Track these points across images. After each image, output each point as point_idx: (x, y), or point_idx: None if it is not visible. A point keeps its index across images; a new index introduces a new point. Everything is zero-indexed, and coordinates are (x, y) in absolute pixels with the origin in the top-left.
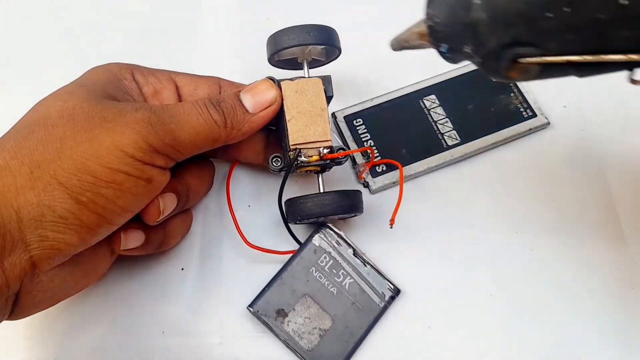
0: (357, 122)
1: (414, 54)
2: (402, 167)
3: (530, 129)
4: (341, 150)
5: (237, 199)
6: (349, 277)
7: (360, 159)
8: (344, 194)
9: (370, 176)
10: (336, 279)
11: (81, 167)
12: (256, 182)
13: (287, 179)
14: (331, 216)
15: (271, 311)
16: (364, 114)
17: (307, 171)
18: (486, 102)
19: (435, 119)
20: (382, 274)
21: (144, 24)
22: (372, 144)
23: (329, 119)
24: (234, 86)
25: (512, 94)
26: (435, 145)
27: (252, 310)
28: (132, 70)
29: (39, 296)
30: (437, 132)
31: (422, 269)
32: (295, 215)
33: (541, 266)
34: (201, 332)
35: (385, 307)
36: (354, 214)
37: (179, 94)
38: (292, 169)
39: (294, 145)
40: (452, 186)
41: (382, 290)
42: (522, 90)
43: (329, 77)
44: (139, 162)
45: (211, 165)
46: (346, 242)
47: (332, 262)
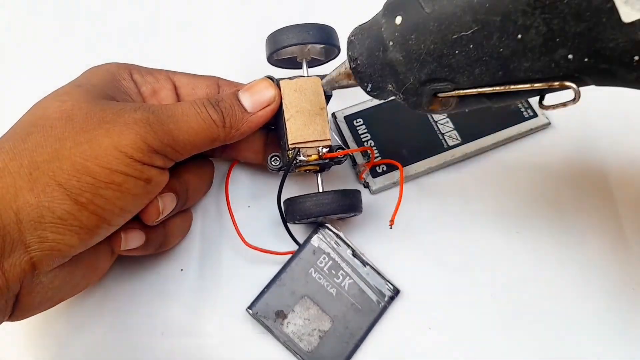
0: (357, 122)
1: None
2: (402, 167)
3: (531, 129)
4: (340, 149)
5: (236, 199)
6: (348, 278)
7: (360, 159)
8: (344, 193)
9: (370, 176)
10: (335, 279)
11: (80, 168)
12: (255, 182)
13: (286, 179)
14: (330, 216)
15: (270, 313)
16: (364, 114)
17: (306, 170)
18: None
19: (435, 119)
20: (381, 275)
21: (142, 23)
22: (372, 144)
23: (328, 118)
24: (233, 85)
25: None
26: (435, 145)
27: (251, 312)
28: (130, 70)
29: (39, 297)
30: (438, 132)
31: (421, 269)
32: (294, 214)
33: (541, 266)
34: (201, 332)
35: (384, 308)
36: (354, 214)
37: (178, 93)
38: (291, 169)
39: (292, 144)
40: (452, 187)
41: (381, 290)
42: None
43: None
44: (138, 163)
45: (210, 164)
46: (345, 242)
47: (331, 262)
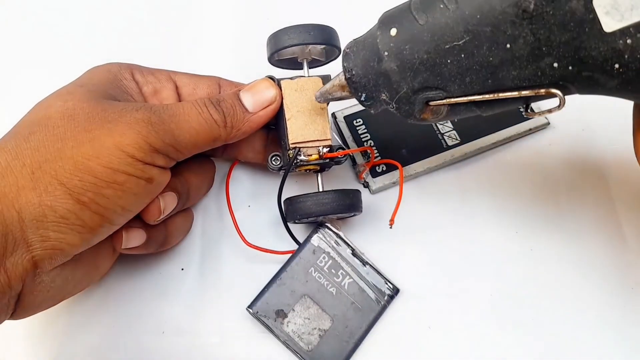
0: (357, 122)
1: None
2: (402, 167)
3: (530, 129)
4: (340, 149)
5: (236, 199)
6: (348, 277)
7: (360, 159)
8: (344, 193)
9: (370, 176)
10: (335, 279)
11: (82, 167)
12: (256, 182)
13: (286, 178)
14: (330, 215)
15: (270, 312)
16: (364, 114)
17: (307, 170)
18: None
19: None
20: (381, 274)
21: (143, 23)
22: (372, 144)
23: (329, 118)
24: (234, 85)
25: None
26: (435, 145)
27: (251, 311)
28: (131, 69)
29: (40, 296)
30: (437, 132)
31: (421, 268)
32: (294, 214)
33: (541, 266)
34: (201, 331)
35: (384, 307)
36: (353, 214)
37: (179, 93)
38: (291, 168)
39: (293, 144)
40: (452, 186)
41: (381, 289)
42: None
43: (329, 76)
44: (140, 162)
45: (211, 163)
46: (345, 242)
47: (331, 262)
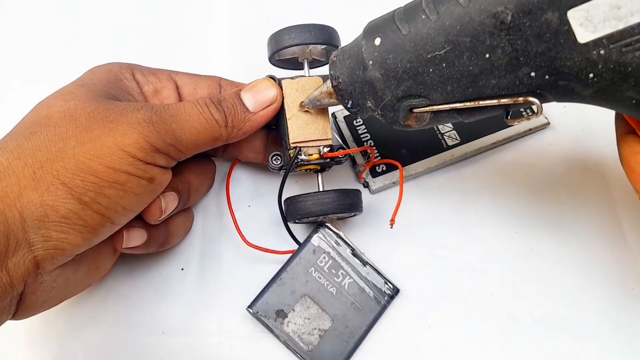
0: (357, 122)
1: None
2: (402, 167)
3: (530, 129)
4: (341, 149)
5: (237, 199)
6: (348, 277)
7: (360, 159)
8: (344, 192)
9: (370, 176)
10: (335, 279)
11: (84, 167)
12: (256, 182)
13: (287, 178)
14: (331, 215)
15: (271, 312)
16: None
17: (307, 170)
18: None
19: None
20: (381, 274)
21: (144, 23)
22: (372, 144)
23: (329, 117)
24: (234, 85)
25: None
26: (435, 145)
27: (251, 311)
28: (132, 69)
29: (42, 296)
30: (437, 132)
31: (421, 268)
32: (294, 213)
33: (541, 266)
34: (201, 332)
35: (384, 307)
36: (354, 214)
37: (179, 93)
38: (292, 168)
39: (294, 143)
40: (452, 186)
41: (381, 289)
42: None
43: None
44: (141, 162)
45: (212, 163)
46: (345, 242)
47: (331, 262)
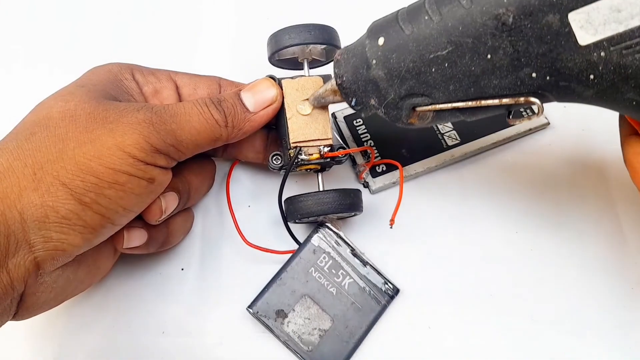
0: (357, 122)
1: None
2: (402, 167)
3: (530, 129)
4: (341, 149)
5: (237, 199)
6: (348, 277)
7: (360, 159)
8: (344, 192)
9: (370, 176)
10: (335, 279)
11: (84, 167)
12: (256, 182)
13: (287, 178)
14: (331, 215)
15: (271, 312)
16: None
17: (307, 169)
18: None
19: None
20: (381, 274)
21: (144, 23)
22: (372, 144)
23: (329, 117)
24: (234, 85)
25: None
26: (435, 145)
27: (251, 311)
28: (132, 70)
29: (43, 297)
30: (437, 132)
31: (421, 268)
32: (295, 213)
33: (541, 266)
34: (201, 331)
35: (384, 307)
36: (354, 213)
37: (179, 93)
38: (292, 167)
39: (294, 143)
40: (452, 186)
41: (381, 289)
42: None
43: (330, 76)
44: (141, 163)
45: (212, 163)
46: (345, 242)
47: (331, 262)
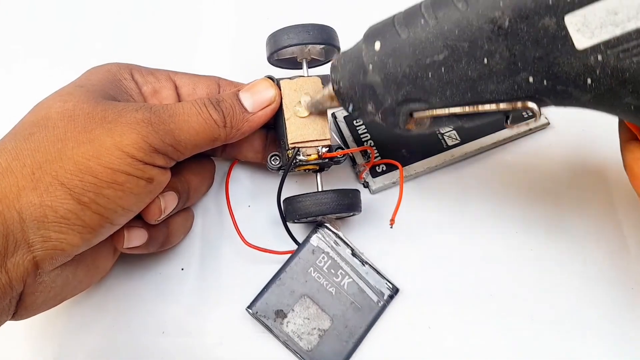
0: (357, 122)
1: None
2: (402, 167)
3: (530, 129)
4: (340, 149)
5: (236, 199)
6: (348, 277)
7: (360, 159)
8: (343, 192)
9: (370, 176)
10: (335, 279)
11: (82, 167)
12: (256, 182)
13: (285, 178)
14: (329, 215)
15: (270, 312)
16: None
17: (306, 170)
18: None
19: None
20: (380, 274)
21: (143, 23)
22: (372, 144)
23: (328, 118)
24: (233, 85)
25: None
26: (435, 145)
27: (251, 311)
28: (131, 70)
29: (42, 296)
30: (437, 132)
31: (421, 268)
32: (293, 213)
33: (541, 266)
34: (201, 332)
35: (384, 307)
36: (353, 213)
37: (178, 93)
38: (290, 168)
39: (292, 144)
40: (452, 186)
41: (380, 289)
42: None
43: (328, 76)
44: (140, 162)
45: (211, 163)
46: (344, 242)
47: (330, 262)
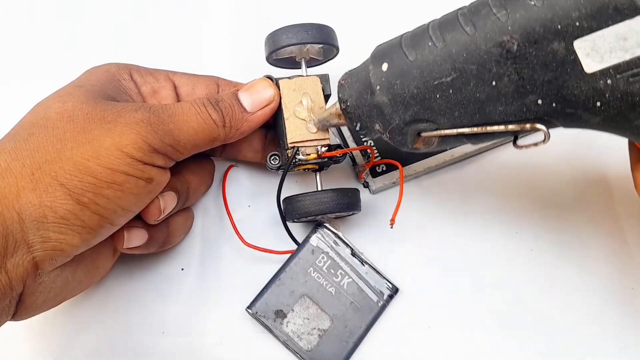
0: None
1: None
2: (402, 167)
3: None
4: (339, 148)
5: (236, 199)
6: (347, 277)
7: (360, 159)
8: (342, 192)
9: (370, 176)
10: (334, 278)
11: (82, 168)
12: (255, 182)
13: (285, 178)
14: (329, 214)
15: (270, 312)
16: None
17: (305, 169)
18: None
19: None
20: (380, 273)
21: (143, 23)
22: (372, 144)
23: None
24: (232, 85)
25: None
26: None
27: (250, 312)
28: (130, 70)
29: (42, 297)
30: None
31: (421, 268)
32: (293, 213)
33: (541, 266)
34: (200, 332)
35: (383, 306)
36: (352, 213)
37: (177, 93)
38: (290, 167)
39: (292, 143)
40: (452, 186)
41: (380, 289)
42: None
43: (327, 75)
44: (139, 162)
45: (211, 162)
46: (344, 241)
47: (330, 262)
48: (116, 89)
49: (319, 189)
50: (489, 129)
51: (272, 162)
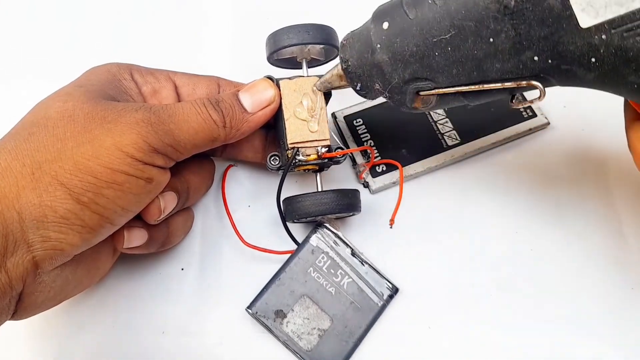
0: (357, 122)
1: None
2: (402, 167)
3: (530, 129)
4: (339, 149)
5: (236, 199)
6: (347, 277)
7: (360, 159)
8: (342, 192)
9: (370, 176)
10: (334, 279)
11: (82, 167)
12: (256, 182)
13: (285, 178)
14: (329, 215)
15: (270, 312)
16: (364, 114)
17: (306, 170)
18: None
19: (435, 119)
20: (380, 273)
21: (143, 23)
22: (372, 144)
23: (328, 118)
24: (233, 85)
25: None
26: (435, 145)
27: (250, 312)
28: (130, 70)
29: (41, 296)
30: (437, 132)
31: (421, 268)
32: (293, 213)
33: (541, 266)
34: (201, 331)
35: (383, 306)
36: (352, 213)
37: (178, 93)
38: (290, 168)
39: (292, 144)
40: (452, 186)
41: (380, 289)
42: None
43: None
44: (139, 162)
45: (211, 162)
46: (344, 241)
47: (330, 262)
48: (117, 88)
49: (319, 190)
50: (486, 86)
51: (272, 162)
